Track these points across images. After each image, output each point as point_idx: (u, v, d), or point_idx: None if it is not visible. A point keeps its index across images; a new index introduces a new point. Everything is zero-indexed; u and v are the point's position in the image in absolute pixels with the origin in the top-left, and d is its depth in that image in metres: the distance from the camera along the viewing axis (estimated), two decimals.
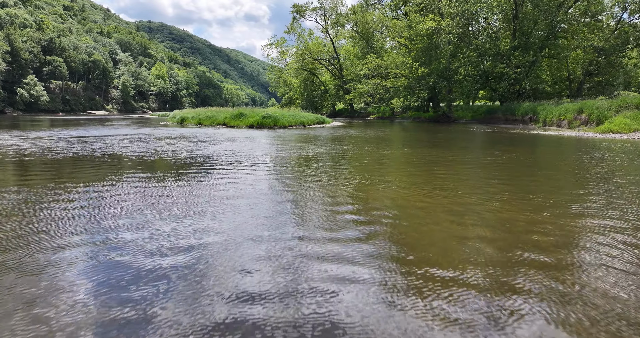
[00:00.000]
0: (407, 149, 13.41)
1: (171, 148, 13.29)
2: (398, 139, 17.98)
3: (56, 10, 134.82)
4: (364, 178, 7.70)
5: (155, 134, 19.94)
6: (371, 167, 9.30)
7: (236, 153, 11.96)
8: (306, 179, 7.72)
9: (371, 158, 10.99)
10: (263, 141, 16.16)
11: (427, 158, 11.21)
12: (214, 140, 16.58)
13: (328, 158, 10.89)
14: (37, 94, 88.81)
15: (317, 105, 60.46)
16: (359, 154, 11.86)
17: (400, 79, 37.58)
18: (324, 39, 59.83)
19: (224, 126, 27.62)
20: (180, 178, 7.65)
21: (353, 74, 49.27)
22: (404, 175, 8.59)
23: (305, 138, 18.56)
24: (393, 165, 9.92)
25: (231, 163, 9.80)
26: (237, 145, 14.42)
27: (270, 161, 10.25)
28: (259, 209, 5.22)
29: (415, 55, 36.90)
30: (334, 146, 14.36)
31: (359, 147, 14.02)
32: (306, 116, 29.02)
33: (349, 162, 10.27)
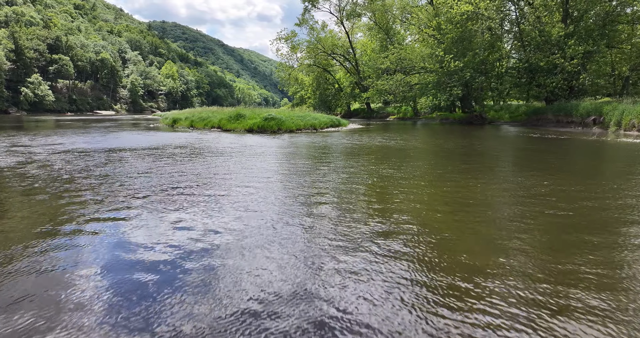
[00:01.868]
0: (485, 176, 8.35)
1: (92, 172, 8.48)
2: (446, 152, 12.89)
3: (66, 9, 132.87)
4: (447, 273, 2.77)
5: (115, 143, 15.27)
6: (456, 238, 4.31)
7: (191, 183, 7.08)
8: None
9: (435, 200, 5.98)
10: (253, 157, 11.27)
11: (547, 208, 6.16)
12: (186, 154, 11.75)
13: (358, 210, 5.92)
14: (41, 94, 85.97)
15: (331, 105, 55.43)
16: (409, 187, 6.86)
17: (428, 75, 32.36)
18: (338, 33, 54.83)
19: (218, 129, 22.91)
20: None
21: (371, 70, 44.09)
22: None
23: (315, 148, 13.61)
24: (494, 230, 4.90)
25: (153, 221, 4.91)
26: (208, 164, 9.55)
27: (244, 213, 5.34)
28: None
29: (445, 46, 31.60)
30: (359, 167, 9.41)
31: (398, 168, 9.03)
32: (318, 117, 24.11)
33: (398, 220, 5.29)
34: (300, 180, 7.36)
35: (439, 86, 32.20)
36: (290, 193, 6.19)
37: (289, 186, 6.77)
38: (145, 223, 4.61)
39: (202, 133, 20.57)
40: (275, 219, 4.75)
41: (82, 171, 8.25)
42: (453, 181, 7.31)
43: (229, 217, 4.85)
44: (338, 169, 8.75)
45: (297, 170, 8.67)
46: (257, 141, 16.28)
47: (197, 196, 5.98)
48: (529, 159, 10.95)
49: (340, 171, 8.49)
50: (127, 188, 6.54)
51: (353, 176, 7.85)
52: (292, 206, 5.38)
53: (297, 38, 52.70)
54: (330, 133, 21.71)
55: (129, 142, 15.48)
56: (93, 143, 14.80)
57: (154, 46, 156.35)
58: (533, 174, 7.95)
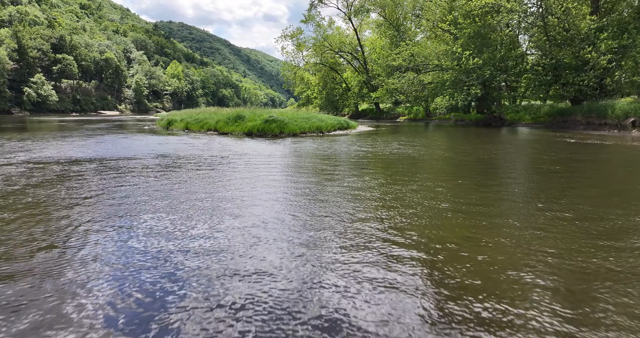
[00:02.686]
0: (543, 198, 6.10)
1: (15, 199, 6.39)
2: (485, 165, 10.62)
3: (72, 9, 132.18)
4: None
5: (89, 151, 13.23)
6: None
7: (133, 224, 4.93)
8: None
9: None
10: (241, 171, 9.13)
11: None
12: (161, 167, 9.64)
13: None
14: (45, 94, 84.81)
15: (338, 105, 53.18)
16: (462, 227, 4.65)
17: (443, 73, 30.02)
18: (345, 30, 52.60)
19: (215, 132, 20.82)
20: None
21: (381, 68, 41.78)
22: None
23: (322, 158, 11.41)
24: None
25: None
26: (179, 185, 7.40)
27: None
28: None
29: (463, 42, 29.24)
30: (380, 190, 7.21)
31: (433, 192, 6.81)
32: (324, 119, 21.92)
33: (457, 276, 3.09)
34: (300, 219, 5.17)
35: (455, 85, 29.84)
36: (284, 251, 4.02)
37: (282, 236, 4.59)
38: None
39: (196, 137, 18.48)
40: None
41: (6, 196, 6.15)
42: (536, 226, 5.07)
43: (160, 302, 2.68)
44: (351, 195, 6.54)
45: (296, 199, 6.47)
46: (254, 147, 14.13)
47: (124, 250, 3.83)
48: (604, 176, 8.66)
49: (354, 198, 6.28)
50: (26, 235, 4.41)
51: (373, 210, 5.64)
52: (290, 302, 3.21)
53: (302, 36, 50.60)
54: (338, 136, 19.51)
55: (106, 149, 13.41)
56: (65, 151, 12.76)
57: (159, 45, 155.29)
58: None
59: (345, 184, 7.23)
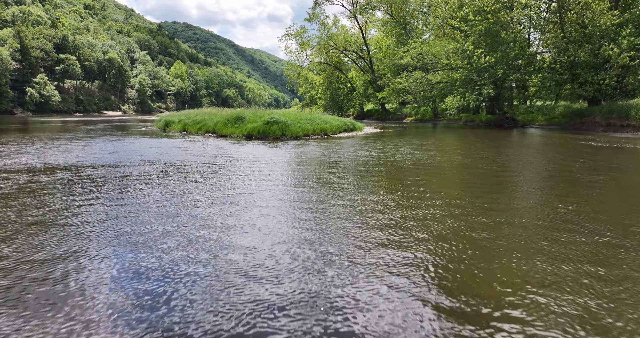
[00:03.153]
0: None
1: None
2: (518, 177, 9.37)
3: (76, 9, 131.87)
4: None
5: (72, 157, 12.11)
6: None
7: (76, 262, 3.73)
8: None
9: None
10: (231, 182, 7.96)
11: None
12: (142, 177, 8.48)
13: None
14: (47, 94, 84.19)
15: (343, 105, 51.91)
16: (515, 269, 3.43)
17: (453, 72, 28.71)
18: (350, 28, 51.33)
19: (213, 134, 19.67)
20: None
21: (387, 68, 40.55)
22: None
23: (326, 166, 10.19)
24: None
25: None
26: (157, 204, 6.22)
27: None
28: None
29: (474, 40, 27.93)
30: (400, 213, 5.99)
31: (461, 211, 5.58)
32: (329, 120, 20.70)
33: None
34: (301, 258, 3.96)
35: (466, 85, 28.52)
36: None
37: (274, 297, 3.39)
38: None
39: (192, 140, 17.32)
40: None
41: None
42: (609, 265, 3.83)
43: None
44: (367, 224, 5.32)
45: (295, 231, 5.26)
46: (252, 151, 12.93)
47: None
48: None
49: (370, 229, 5.06)
50: None
51: (397, 249, 4.42)
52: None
53: (306, 34, 49.45)
54: (344, 139, 18.28)
55: (91, 155, 12.26)
56: (45, 156, 11.63)
57: (163, 45, 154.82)
58: None
59: (357, 203, 6.00)
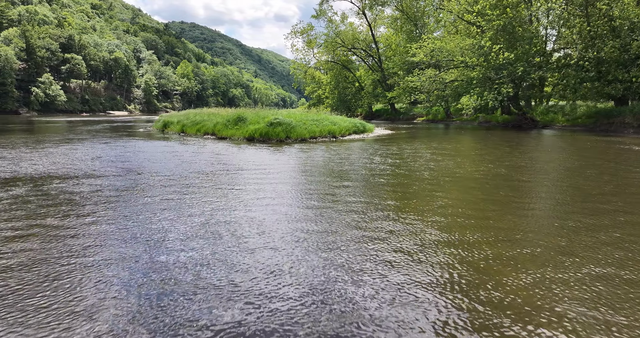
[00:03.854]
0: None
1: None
2: (557, 184, 7.77)
3: (83, 9, 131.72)
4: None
5: (49, 164, 10.74)
6: None
7: None
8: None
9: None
10: (226, 197, 6.48)
11: None
12: (112, 195, 7.03)
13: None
14: (53, 94, 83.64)
15: (351, 105, 50.26)
16: None
17: (469, 70, 26.99)
18: (359, 26, 49.62)
19: (213, 136, 18.23)
20: None
21: (398, 66, 38.88)
22: None
23: (334, 177, 8.67)
24: None
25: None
26: (102, 239, 4.71)
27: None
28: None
29: (491, 35, 26.19)
30: (428, 245, 4.39)
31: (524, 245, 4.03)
32: (337, 121, 19.15)
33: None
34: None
35: (483, 83, 26.78)
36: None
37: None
38: None
39: (188, 142, 15.87)
40: None
41: None
42: None
43: None
44: (395, 278, 3.80)
45: (294, 286, 3.75)
46: (252, 157, 11.42)
47: None
48: None
49: (404, 289, 3.53)
50: None
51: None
52: None
53: (313, 32, 47.85)
54: (354, 142, 16.72)
55: (69, 161, 10.86)
56: (17, 162, 10.25)
57: (170, 45, 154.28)
58: None
59: (379, 235, 4.46)
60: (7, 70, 74.82)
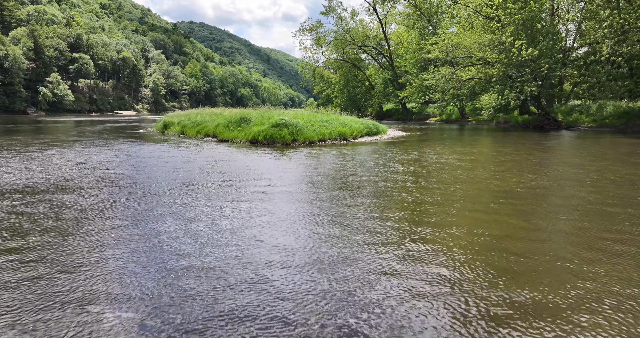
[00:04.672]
0: None
1: None
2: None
3: (92, 8, 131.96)
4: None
5: (19, 174, 9.46)
6: None
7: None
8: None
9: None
10: (211, 222, 5.02)
11: None
12: (73, 216, 5.61)
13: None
14: (60, 94, 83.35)
15: (361, 104, 48.73)
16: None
17: (489, 67, 25.32)
18: (369, 23, 48.04)
19: (214, 138, 16.89)
20: None
21: (410, 65, 37.29)
22: None
23: (348, 189, 7.20)
24: None
25: None
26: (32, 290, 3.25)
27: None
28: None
29: (512, 30, 24.49)
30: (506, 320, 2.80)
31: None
32: (348, 122, 17.67)
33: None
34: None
35: (504, 81, 25.10)
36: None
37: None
38: None
39: (185, 146, 14.54)
40: None
41: None
42: None
43: None
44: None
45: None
46: (252, 164, 10.01)
47: None
48: None
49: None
50: None
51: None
52: None
53: (322, 29, 46.38)
54: (367, 145, 15.23)
55: (47, 167, 9.57)
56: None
57: (178, 44, 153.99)
58: None
59: (432, 298, 3.00)
60: (15, 70, 74.58)
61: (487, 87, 25.93)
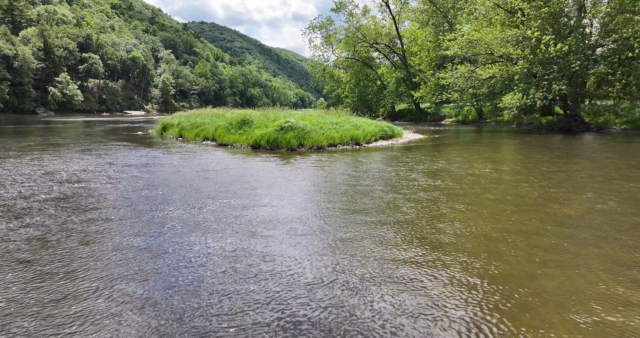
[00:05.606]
0: None
1: None
2: None
3: (103, 9, 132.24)
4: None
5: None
6: None
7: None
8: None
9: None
10: (186, 270, 3.37)
11: None
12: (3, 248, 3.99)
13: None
14: (70, 94, 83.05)
15: (372, 105, 46.92)
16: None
17: (512, 65, 23.41)
18: (381, 20, 46.21)
19: (213, 141, 15.40)
20: None
21: (425, 62, 35.45)
22: None
23: (364, 214, 5.56)
24: None
25: None
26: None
27: None
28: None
29: (539, 24, 22.56)
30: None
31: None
32: (361, 124, 16.00)
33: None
34: None
35: (527, 79, 23.17)
36: None
37: None
38: None
39: (181, 150, 13.05)
40: None
41: None
42: None
43: None
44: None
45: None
46: (248, 176, 8.43)
47: None
48: None
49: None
50: None
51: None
52: None
53: (332, 27, 44.73)
54: (382, 151, 13.57)
55: (13, 178, 8.14)
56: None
57: (188, 44, 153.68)
58: None
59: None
60: (25, 70, 74.42)
61: (510, 86, 24.00)
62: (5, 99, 71.04)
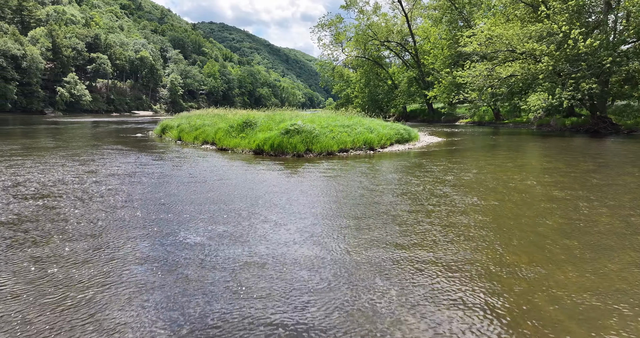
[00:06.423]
0: None
1: None
2: None
3: (112, 9, 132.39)
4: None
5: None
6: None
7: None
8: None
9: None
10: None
11: None
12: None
13: None
14: (78, 94, 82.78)
15: (383, 105, 45.37)
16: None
17: (535, 63, 21.78)
18: (392, 17, 44.63)
19: (212, 145, 14.12)
20: None
21: (440, 60, 33.87)
22: None
23: (394, 245, 4.15)
24: None
25: None
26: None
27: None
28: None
29: (566, 18, 20.93)
30: None
31: None
32: (374, 127, 14.57)
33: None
34: None
35: (552, 78, 21.54)
36: None
37: None
38: None
39: (175, 155, 11.77)
40: None
41: None
42: None
43: None
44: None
45: None
46: (245, 189, 7.09)
47: None
48: None
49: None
50: None
51: None
52: None
53: (342, 24, 43.31)
54: (399, 157, 12.16)
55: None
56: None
57: (197, 44, 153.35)
58: None
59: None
60: (33, 70, 74.24)
61: (531, 85, 22.38)
62: (13, 99, 70.88)
